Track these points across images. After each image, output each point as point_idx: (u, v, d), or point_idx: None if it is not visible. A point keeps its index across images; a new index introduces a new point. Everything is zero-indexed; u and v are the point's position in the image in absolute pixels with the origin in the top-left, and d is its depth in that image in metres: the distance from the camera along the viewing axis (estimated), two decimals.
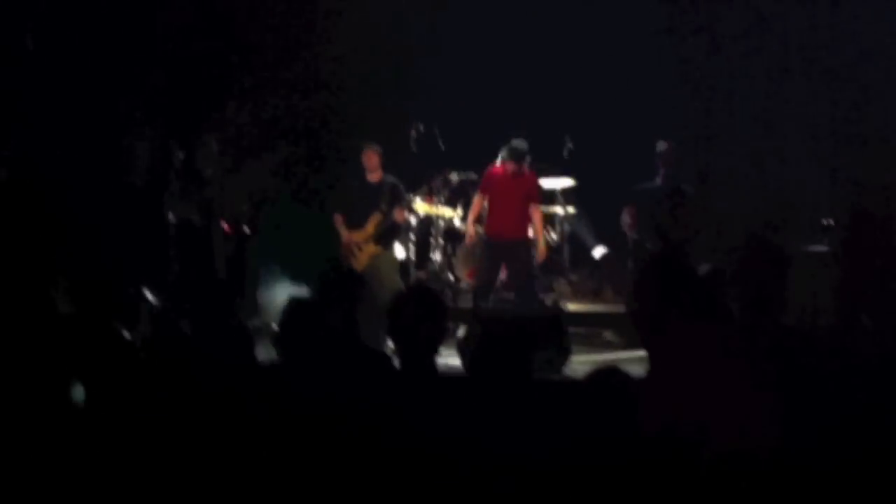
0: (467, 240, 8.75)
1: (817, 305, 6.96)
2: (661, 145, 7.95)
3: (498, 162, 8.46)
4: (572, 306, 9.02)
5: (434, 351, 3.24)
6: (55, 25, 8.67)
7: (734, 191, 8.03)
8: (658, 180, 7.97)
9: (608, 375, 3.44)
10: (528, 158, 8.26)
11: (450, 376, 3.26)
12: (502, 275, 8.54)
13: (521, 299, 8.22)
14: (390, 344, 6.90)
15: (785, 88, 9.48)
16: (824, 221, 8.17)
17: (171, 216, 8.12)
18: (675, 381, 2.74)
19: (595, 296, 10.19)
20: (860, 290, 7.41)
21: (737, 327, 3.08)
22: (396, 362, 3.65)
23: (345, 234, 8.40)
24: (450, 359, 6.48)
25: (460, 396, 3.09)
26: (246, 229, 8.59)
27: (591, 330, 8.96)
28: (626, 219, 8.02)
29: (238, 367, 3.49)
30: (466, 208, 9.25)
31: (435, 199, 9.45)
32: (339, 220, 8.46)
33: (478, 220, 8.86)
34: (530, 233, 8.56)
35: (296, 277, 9.50)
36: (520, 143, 8.23)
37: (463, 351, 6.72)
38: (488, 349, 4.13)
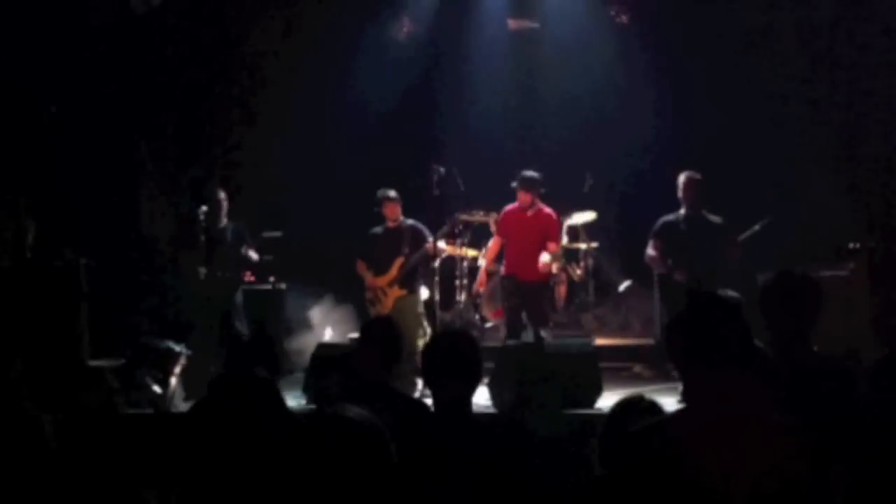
0: (478, 285, 8.62)
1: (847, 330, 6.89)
2: (683, 177, 7.92)
3: (515, 197, 8.37)
4: (599, 340, 8.95)
5: (470, 393, 3.21)
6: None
7: (758, 218, 7.95)
8: (681, 212, 7.94)
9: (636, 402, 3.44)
10: (539, 187, 8.22)
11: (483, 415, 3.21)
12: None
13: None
14: (419, 384, 7.00)
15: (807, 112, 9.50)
16: (850, 245, 8.14)
17: (200, 272, 8.23)
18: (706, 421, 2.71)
19: (621, 329, 10.17)
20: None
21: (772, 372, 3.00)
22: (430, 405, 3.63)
23: (369, 278, 8.38)
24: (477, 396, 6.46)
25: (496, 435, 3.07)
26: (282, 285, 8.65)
27: (620, 364, 8.94)
28: (650, 252, 7.98)
29: (266, 418, 3.45)
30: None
31: (458, 239, 9.46)
32: (361, 265, 8.43)
33: (497, 260, 8.85)
34: (554, 269, 8.50)
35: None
36: (531, 173, 8.22)
37: (492, 388, 6.70)
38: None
